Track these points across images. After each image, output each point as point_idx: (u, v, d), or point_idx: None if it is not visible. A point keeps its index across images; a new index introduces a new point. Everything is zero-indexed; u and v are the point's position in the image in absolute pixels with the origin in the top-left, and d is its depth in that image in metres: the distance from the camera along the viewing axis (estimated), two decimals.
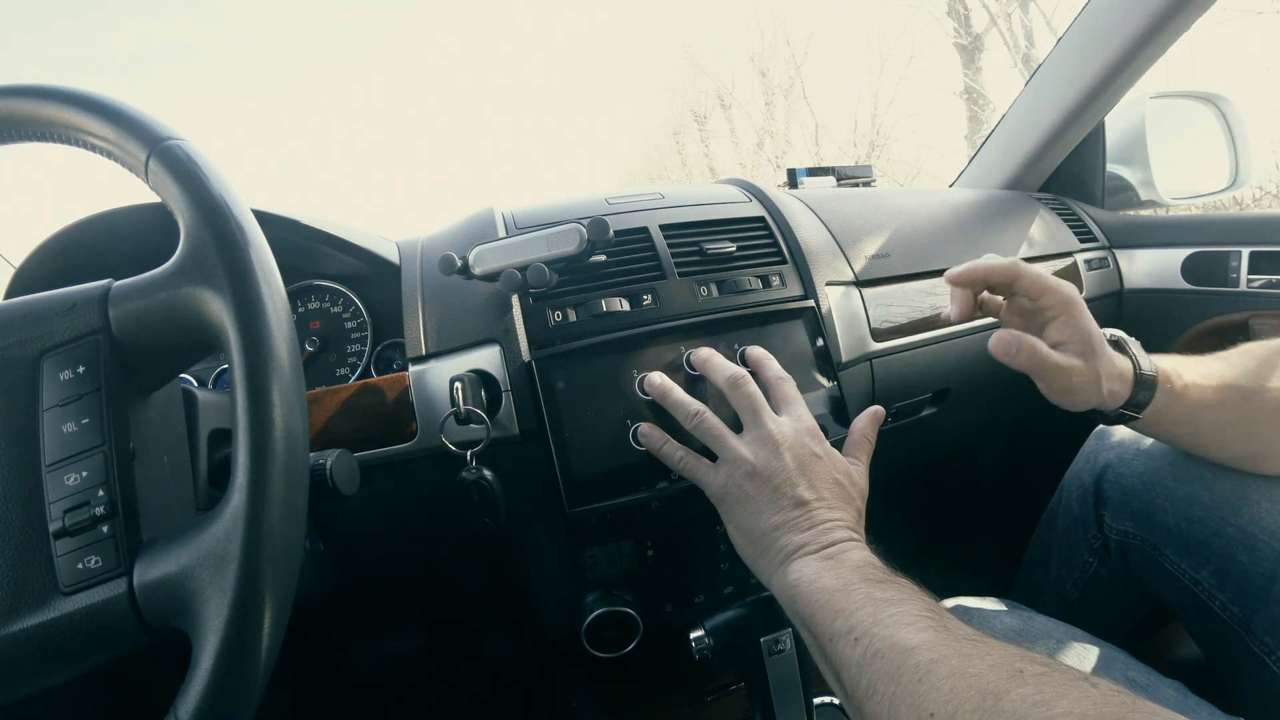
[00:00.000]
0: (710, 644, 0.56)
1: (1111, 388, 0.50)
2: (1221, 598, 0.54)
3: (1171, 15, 0.82)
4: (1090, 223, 1.00)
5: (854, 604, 0.38)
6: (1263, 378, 0.52)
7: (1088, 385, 0.50)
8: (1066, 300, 0.50)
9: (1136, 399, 0.51)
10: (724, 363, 0.53)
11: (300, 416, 0.34)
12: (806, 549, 0.43)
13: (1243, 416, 0.52)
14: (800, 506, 0.45)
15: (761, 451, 0.47)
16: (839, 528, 0.44)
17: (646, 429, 0.53)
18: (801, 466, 0.47)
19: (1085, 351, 0.49)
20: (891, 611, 0.36)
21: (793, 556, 0.43)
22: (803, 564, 0.42)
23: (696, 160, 12.11)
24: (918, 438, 0.82)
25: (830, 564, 0.42)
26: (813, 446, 0.48)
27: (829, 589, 0.40)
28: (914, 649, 0.33)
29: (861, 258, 0.72)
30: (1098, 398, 0.50)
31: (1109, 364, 0.50)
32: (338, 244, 0.64)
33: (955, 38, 6.31)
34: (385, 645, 0.97)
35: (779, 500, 0.45)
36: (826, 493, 0.46)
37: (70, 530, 0.32)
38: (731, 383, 0.51)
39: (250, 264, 0.34)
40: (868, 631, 0.36)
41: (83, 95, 0.36)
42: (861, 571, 0.40)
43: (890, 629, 0.35)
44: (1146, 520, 0.60)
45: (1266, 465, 0.54)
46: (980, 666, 0.31)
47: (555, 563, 0.60)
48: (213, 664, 0.30)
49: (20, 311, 0.35)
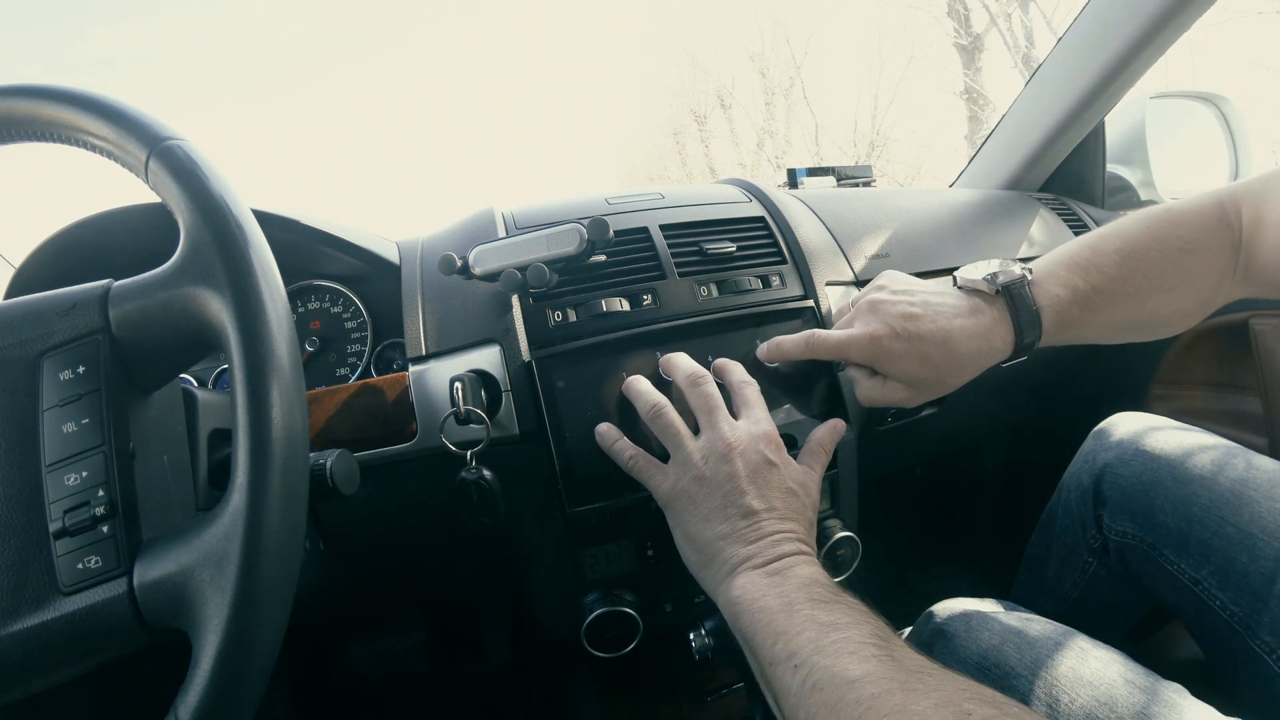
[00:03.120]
0: (710, 644, 0.56)
1: (977, 363, 0.49)
2: (1221, 597, 0.54)
3: (1171, 15, 0.82)
4: (1090, 223, 1.00)
5: (796, 626, 0.36)
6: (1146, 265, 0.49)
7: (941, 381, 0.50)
8: (795, 347, 0.53)
9: (1025, 342, 0.50)
10: (688, 362, 0.52)
11: (300, 416, 0.34)
12: (752, 562, 0.41)
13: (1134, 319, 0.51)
14: (749, 516, 0.43)
15: (712, 456, 0.45)
16: (788, 539, 0.43)
17: (603, 427, 0.52)
18: (753, 474, 0.45)
19: (911, 380, 0.50)
20: (834, 638, 0.34)
21: (738, 570, 0.42)
22: (746, 579, 0.41)
23: (696, 160, 12.12)
24: (918, 438, 0.81)
25: (775, 580, 0.40)
26: (767, 453, 0.46)
27: (771, 609, 0.38)
28: (855, 681, 0.31)
29: (861, 258, 0.72)
30: (962, 382, 0.50)
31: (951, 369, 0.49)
32: (338, 244, 0.64)
33: (955, 38, 6.32)
34: (385, 645, 0.97)
35: (727, 509, 0.44)
36: (778, 502, 0.44)
37: (70, 530, 0.32)
38: (690, 380, 0.50)
39: (250, 264, 0.34)
40: (808, 660, 0.34)
41: (82, 95, 0.36)
42: (807, 590, 0.38)
43: (832, 658, 0.33)
44: (1145, 520, 0.60)
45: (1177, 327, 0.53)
46: (925, 704, 0.29)
47: (555, 563, 0.60)
48: (213, 664, 0.30)
49: (20, 311, 0.35)
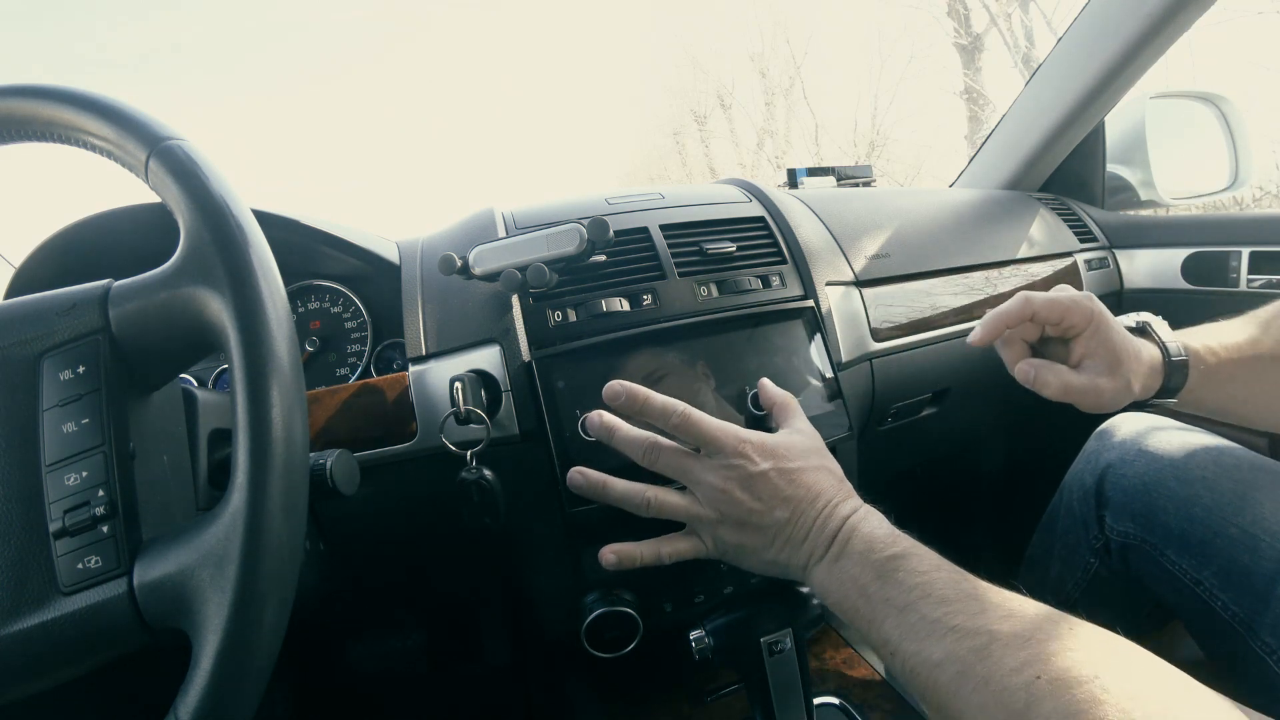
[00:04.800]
0: (710, 644, 0.55)
1: (1145, 384, 0.49)
2: (1223, 598, 0.54)
3: (1171, 15, 0.82)
4: (1090, 223, 1.00)
5: (876, 613, 0.38)
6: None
7: (1120, 394, 0.49)
8: (1088, 315, 0.49)
9: (1170, 385, 0.50)
10: (631, 435, 0.47)
11: (300, 416, 0.34)
12: (814, 558, 0.43)
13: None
14: (787, 526, 0.44)
15: (720, 505, 0.45)
16: (827, 511, 0.44)
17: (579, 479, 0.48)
18: (757, 494, 0.44)
19: (1112, 364, 0.48)
20: (911, 620, 0.36)
21: (808, 570, 0.44)
22: (819, 576, 0.43)
23: (696, 160, 12.11)
24: (918, 438, 0.82)
25: (840, 566, 0.42)
26: (749, 468, 0.44)
27: (850, 598, 0.40)
28: (939, 664, 0.34)
29: (861, 258, 0.72)
30: (1131, 398, 0.49)
31: (1137, 363, 0.49)
32: (338, 244, 0.64)
33: (955, 38, 6.31)
34: (385, 645, 0.97)
35: (764, 533, 0.45)
36: (795, 491, 0.44)
37: (70, 530, 0.32)
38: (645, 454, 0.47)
39: (250, 264, 0.34)
40: (899, 647, 0.36)
41: (82, 95, 0.36)
42: (871, 566, 0.40)
43: (914, 640, 0.36)
44: (1148, 520, 0.60)
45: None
46: (1005, 670, 0.31)
47: (555, 563, 0.60)
48: (213, 664, 0.30)
49: (20, 311, 0.35)
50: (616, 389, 0.47)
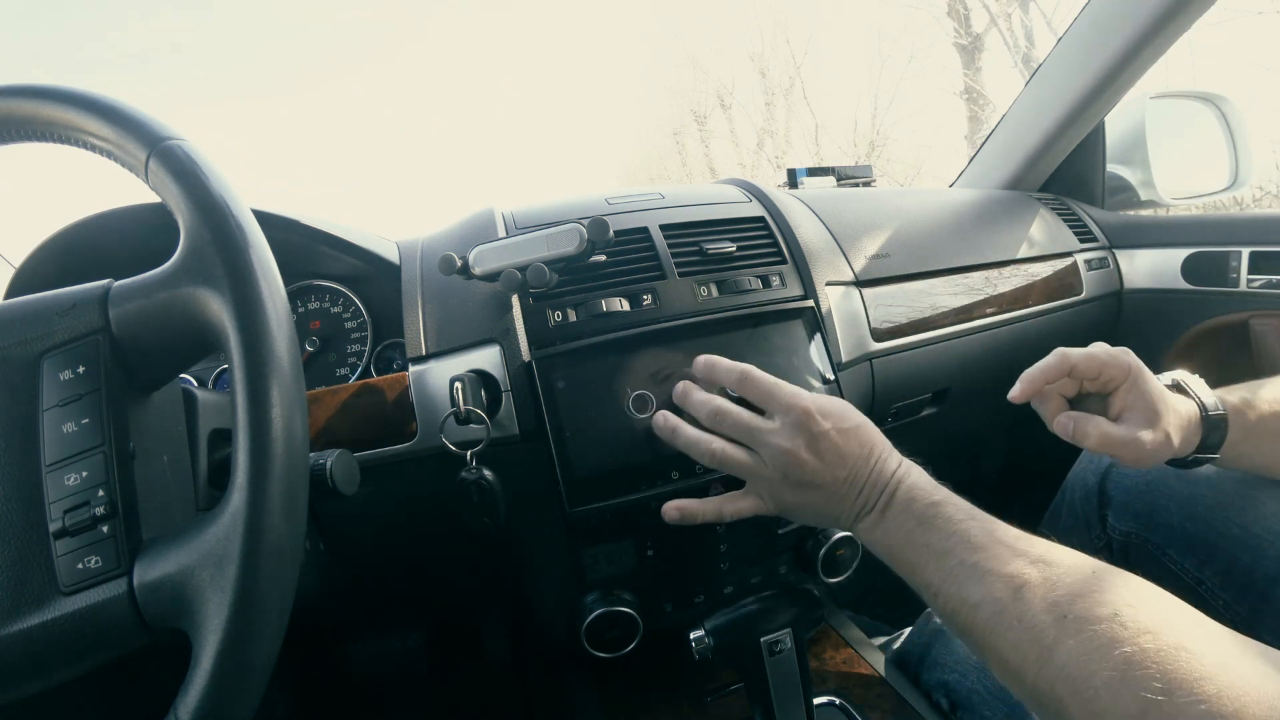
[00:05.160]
0: (710, 644, 0.55)
1: (1184, 438, 0.49)
2: (1225, 597, 0.54)
3: (1171, 15, 0.82)
4: (1090, 223, 1.00)
5: (919, 559, 0.42)
6: None
7: (1160, 447, 0.48)
8: (1125, 369, 0.49)
9: (1209, 442, 0.50)
10: (699, 398, 0.51)
11: (300, 416, 0.34)
12: (865, 510, 0.46)
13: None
14: (844, 483, 0.46)
15: (784, 466, 0.46)
16: (879, 468, 0.46)
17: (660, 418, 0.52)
18: (820, 454, 0.46)
19: (1151, 417, 0.48)
20: (949, 563, 0.39)
21: (857, 522, 0.46)
22: (866, 527, 0.46)
23: (696, 160, 12.10)
24: (918, 438, 0.81)
25: (886, 519, 0.44)
26: (813, 428, 0.46)
27: (895, 545, 0.44)
28: (977, 605, 0.37)
29: (861, 258, 0.72)
30: (1171, 453, 0.49)
31: (1175, 417, 0.49)
32: (338, 244, 0.64)
33: (955, 38, 6.31)
34: (385, 645, 0.97)
35: (823, 491, 0.47)
36: (852, 449, 0.46)
37: (70, 530, 0.32)
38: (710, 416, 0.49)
39: (250, 264, 0.34)
40: (940, 589, 0.40)
41: (82, 95, 0.36)
42: (914, 515, 0.43)
43: (953, 583, 0.39)
44: (1150, 519, 0.60)
45: None
46: (1036, 609, 0.34)
47: (555, 563, 0.60)
48: (213, 664, 0.30)
49: (20, 311, 0.35)
50: (700, 363, 0.52)
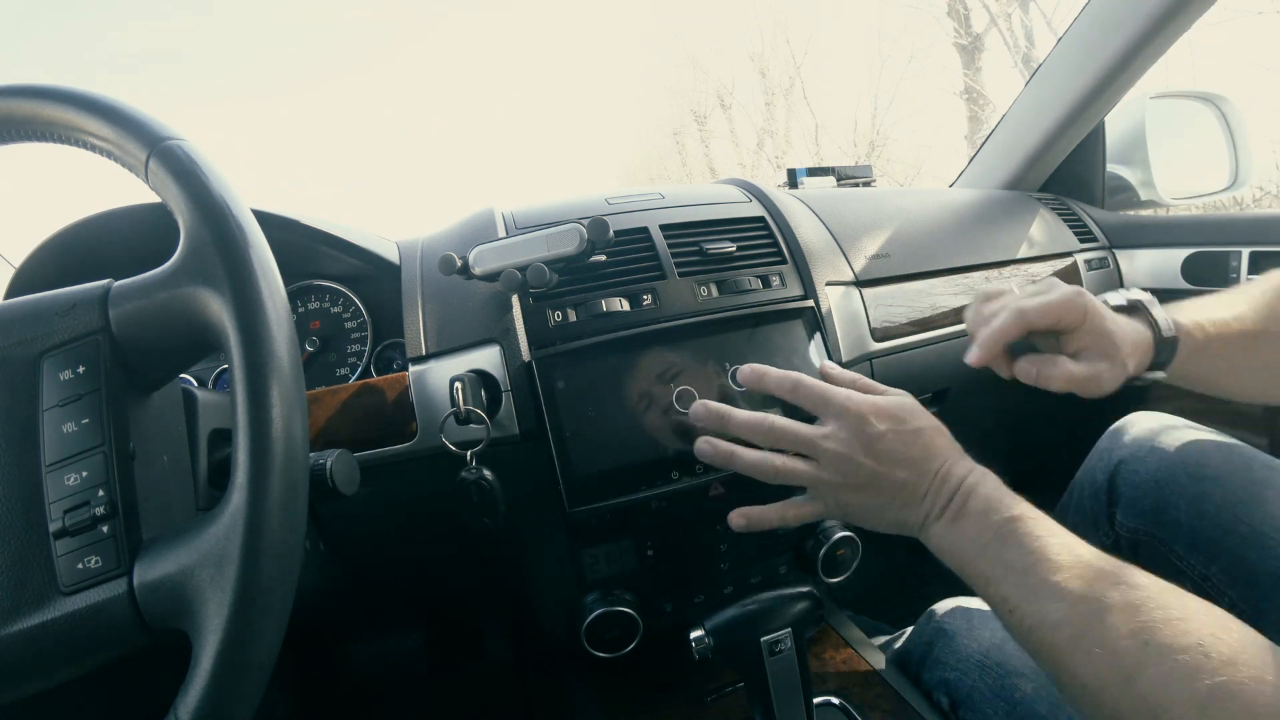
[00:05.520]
0: (710, 644, 0.55)
1: (1138, 362, 0.50)
2: (1231, 594, 0.54)
3: (1171, 15, 0.82)
4: (1090, 223, 1.00)
5: (995, 573, 0.40)
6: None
7: (1117, 376, 0.49)
8: (1081, 312, 0.49)
9: (1158, 360, 0.51)
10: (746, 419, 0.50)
11: (300, 416, 0.34)
12: (931, 516, 0.45)
13: (1271, 360, 0.51)
14: (906, 486, 0.45)
15: (843, 470, 0.46)
16: (946, 472, 0.45)
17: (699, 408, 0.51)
18: (878, 457, 0.46)
19: (1109, 351, 0.49)
20: (1029, 581, 0.38)
21: (925, 528, 0.45)
22: (938, 534, 0.44)
23: (696, 160, 12.10)
24: None
25: (957, 527, 0.43)
26: (869, 431, 0.46)
27: (968, 555, 0.42)
28: (1058, 625, 0.36)
29: (861, 258, 0.72)
30: (1126, 377, 0.50)
31: (1130, 346, 0.49)
32: (337, 244, 0.64)
33: (955, 38, 6.31)
34: (385, 645, 0.97)
35: (885, 493, 0.46)
36: (914, 452, 0.46)
37: (70, 530, 0.32)
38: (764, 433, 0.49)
39: (250, 264, 0.34)
40: (1017, 606, 0.39)
41: (82, 95, 0.36)
42: (991, 528, 0.41)
43: (1033, 601, 0.38)
44: (1158, 517, 0.60)
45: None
46: (1119, 635, 0.34)
47: (555, 563, 0.60)
48: (213, 664, 0.30)
49: (20, 311, 0.35)
50: (746, 373, 0.51)
